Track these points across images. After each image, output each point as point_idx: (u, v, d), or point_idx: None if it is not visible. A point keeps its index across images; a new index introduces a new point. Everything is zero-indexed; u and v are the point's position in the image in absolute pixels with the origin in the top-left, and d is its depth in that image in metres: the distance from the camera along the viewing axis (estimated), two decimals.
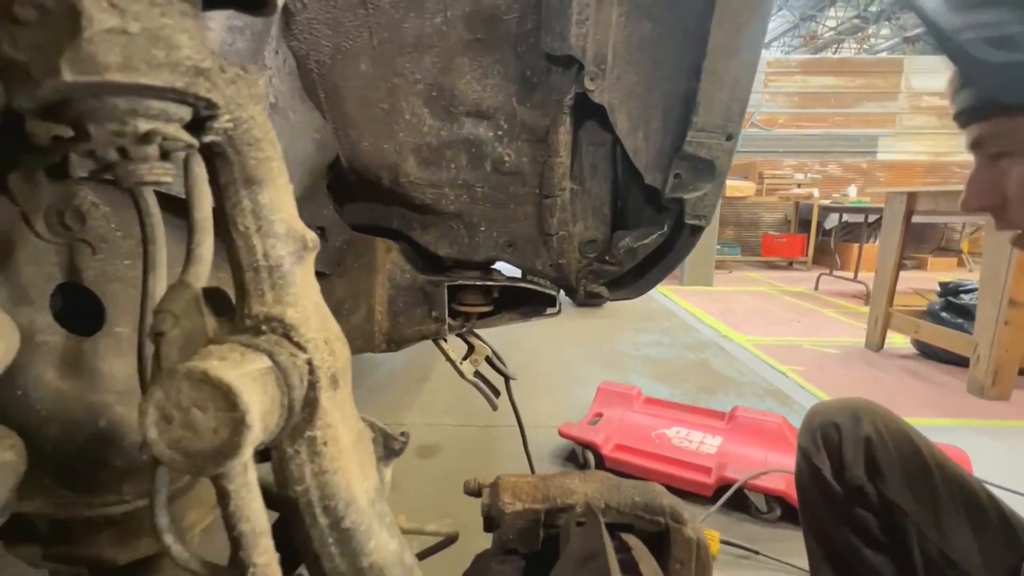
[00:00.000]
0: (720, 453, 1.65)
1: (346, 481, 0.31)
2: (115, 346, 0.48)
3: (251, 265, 0.29)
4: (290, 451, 0.30)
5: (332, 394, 0.31)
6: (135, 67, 0.21)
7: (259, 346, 0.27)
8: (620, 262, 0.91)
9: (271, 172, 0.29)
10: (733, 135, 0.82)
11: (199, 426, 0.23)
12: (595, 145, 0.89)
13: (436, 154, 0.86)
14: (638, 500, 0.43)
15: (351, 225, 0.91)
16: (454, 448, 1.88)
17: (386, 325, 0.96)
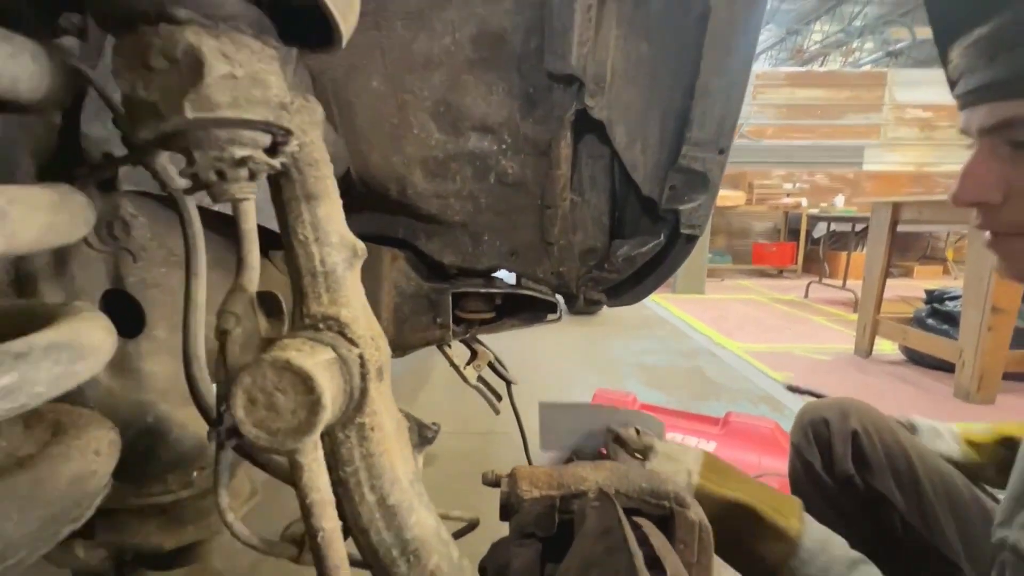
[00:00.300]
0: None
1: (391, 463, 0.35)
2: (155, 348, 0.52)
3: (310, 270, 0.34)
4: (341, 436, 0.34)
5: (378, 385, 0.35)
6: (240, 105, 0.25)
7: (324, 340, 0.31)
8: (618, 270, 0.95)
9: (327, 188, 0.34)
10: (725, 149, 0.88)
11: (281, 407, 0.27)
12: (594, 158, 0.93)
13: (442, 167, 0.90)
14: (645, 486, 0.47)
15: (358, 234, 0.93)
16: (452, 455, 1.90)
17: (392, 331, 0.99)
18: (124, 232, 0.50)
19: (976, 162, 0.55)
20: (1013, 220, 0.54)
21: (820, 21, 11.17)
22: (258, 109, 0.26)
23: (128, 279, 0.51)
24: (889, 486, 0.77)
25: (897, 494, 0.76)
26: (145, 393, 0.49)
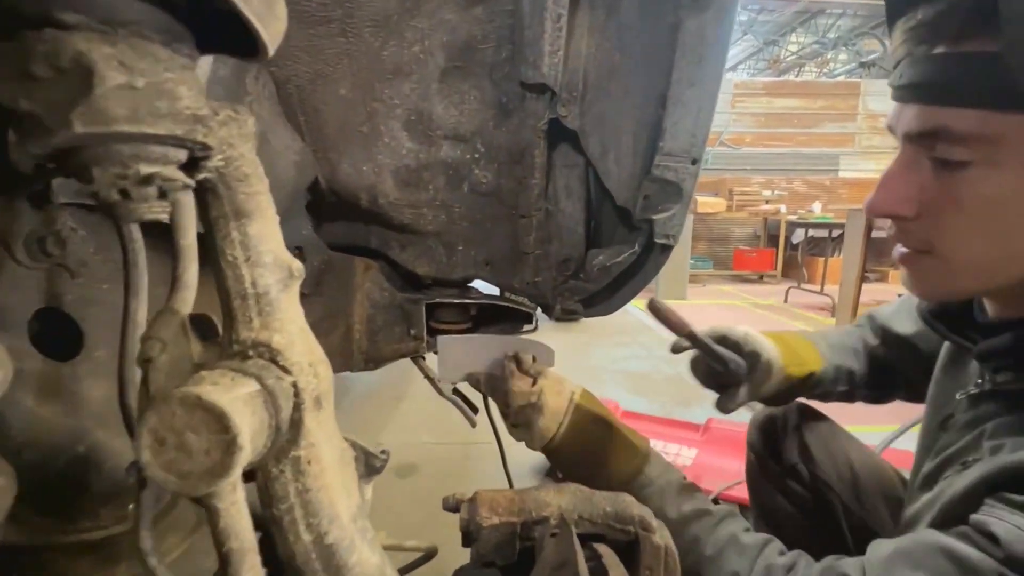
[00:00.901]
0: (696, 465, 1.68)
1: (329, 499, 0.32)
2: (94, 370, 0.48)
3: (239, 293, 0.31)
4: (275, 471, 0.32)
5: (316, 415, 0.33)
6: (141, 118, 0.23)
7: (248, 370, 0.29)
8: (594, 279, 0.94)
9: (260, 205, 0.31)
10: (697, 159, 0.87)
11: (192, 448, 0.24)
12: (568, 167, 0.92)
13: (415, 176, 0.88)
14: (609, 510, 0.45)
15: (330, 245, 0.92)
16: (432, 466, 1.87)
17: (365, 343, 0.97)
18: (58, 247, 0.46)
19: (894, 171, 0.53)
20: (922, 237, 0.53)
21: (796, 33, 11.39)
22: (164, 123, 0.24)
23: (65, 297, 0.47)
24: (829, 474, 0.83)
25: (837, 481, 0.82)
26: (79, 419, 0.46)
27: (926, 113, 0.49)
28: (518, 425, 0.72)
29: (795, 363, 0.79)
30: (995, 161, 0.47)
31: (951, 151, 0.48)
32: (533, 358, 0.79)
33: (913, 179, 0.51)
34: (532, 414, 0.70)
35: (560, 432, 0.70)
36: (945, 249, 0.52)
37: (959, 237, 0.51)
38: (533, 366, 0.77)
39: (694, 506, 0.62)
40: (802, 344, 0.84)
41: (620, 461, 0.67)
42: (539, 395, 0.70)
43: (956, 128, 0.47)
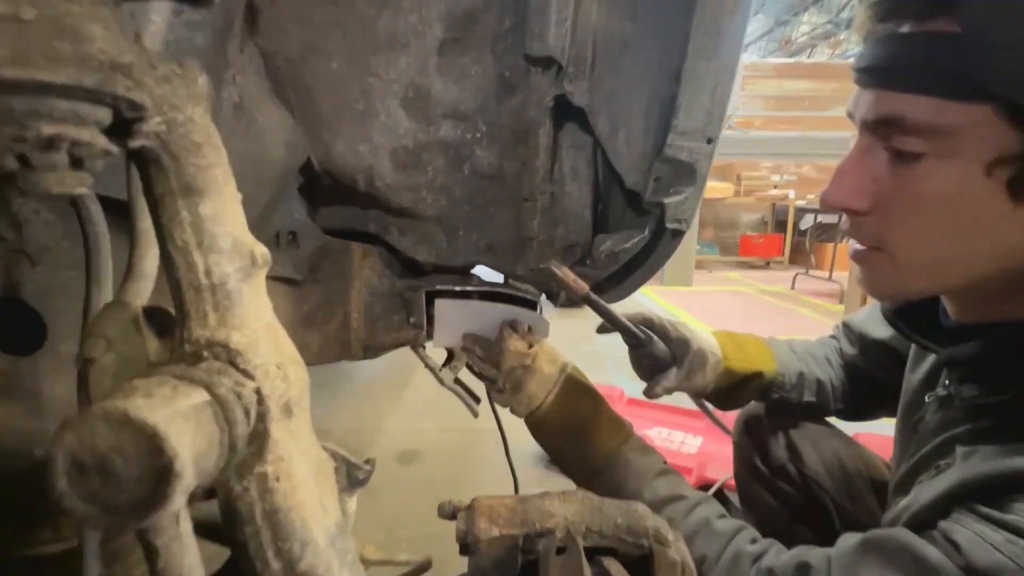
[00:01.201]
0: (701, 453, 1.65)
1: (302, 520, 0.28)
2: (57, 366, 0.44)
3: (191, 284, 0.26)
4: (238, 489, 0.27)
5: (285, 424, 0.28)
6: (30, 61, 0.17)
7: (195, 377, 0.24)
8: (601, 266, 0.89)
9: (214, 180, 0.26)
10: (713, 138, 0.81)
11: (120, 475, 0.20)
12: (575, 148, 0.87)
13: (413, 157, 0.83)
14: (620, 522, 0.41)
15: (325, 230, 0.88)
16: (436, 454, 1.85)
17: (363, 332, 0.93)
18: (13, 231, 0.42)
19: (849, 162, 0.51)
20: (874, 233, 0.51)
21: (808, 12, 11.08)
22: (66, 69, 0.18)
23: (26, 285, 0.43)
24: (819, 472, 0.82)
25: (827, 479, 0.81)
26: (39, 420, 0.41)
27: (883, 99, 0.47)
28: (504, 390, 0.73)
29: (739, 359, 0.78)
30: (949, 155, 0.45)
31: (906, 141, 0.46)
32: (528, 327, 0.81)
33: (868, 171, 0.50)
34: (524, 376, 0.71)
35: (548, 400, 0.70)
36: (895, 246, 0.50)
37: (909, 234, 0.49)
38: (528, 335, 0.78)
39: (670, 490, 0.62)
40: (754, 343, 0.82)
41: (603, 437, 0.67)
42: (534, 358, 0.71)
43: (912, 117, 0.45)
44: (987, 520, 0.43)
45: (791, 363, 0.83)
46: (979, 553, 0.41)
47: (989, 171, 0.43)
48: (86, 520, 0.20)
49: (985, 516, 0.43)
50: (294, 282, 0.86)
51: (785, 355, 0.84)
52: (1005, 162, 0.43)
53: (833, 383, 0.85)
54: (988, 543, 0.41)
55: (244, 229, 0.28)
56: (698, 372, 0.74)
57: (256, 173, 0.66)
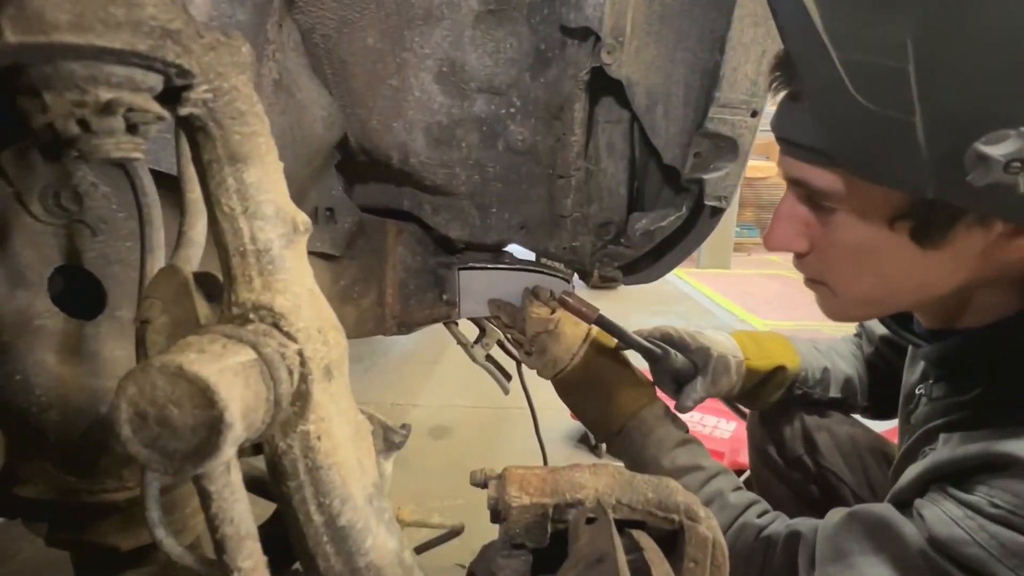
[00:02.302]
0: (734, 438, 1.63)
1: (342, 477, 0.29)
2: (117, 330, 0.47)
3: (237, 249, 0.27)
4: (282, 446, 0.29)
5: (326, 386, 0.29)
6: (89, 27, 0.18)
7: (243, 337, 0.25)
8: (636, 245, 0.88)
9: (258, 148, 0.27)
10: (758, 111, 0.78)
11: (176, 424, 0.21)
12: (612, 123, 0.85)
13: (447, 133, 0.83)
14: (651, 496, 0.41)
15: (361, 207, 0.89)
16: (466, 429, 1.89)
17: (397, 308, 0.95)
18: (75, 202, 0.44)
19: (783, 210, 0.55)
20: (815, 270, 0.56)
21: None
22: (120, 34, 0.19)
23: (86, 254, 0.46)
24: (838, 463, 0.81)
25: (845, 471, 0.80)
26: (102, 379, 0.45)
27: (787, 164, 0.52)
28: (531, 353, 0.75)
29: (760, 356, 0.78)
30: (857, 211, 0.48)
31: (817, 198, 0.51)
32: (551, 292, 0.82)
33: (799, 217, 0.54)
34: (548, 341, 0.73)
35: (573, 362, 0.72)
36: (833, 284, 0.55)
37: (839, 276, 0.54)
38: (551, 300, 0.79)
39: (689, 460, 0.63)
40: (774, 340, 0.82)
41: (625, 399, 0.69)
42: (556, 323, 0.73)
43: (811, 182, 0.49)
44: (952, 499, 0.47)
45: (815, 358, 0.82)
46: (940, 527, 0.45)
47: (891, 224, 0.47)
48: (147, 466, 0.22)
49: (951, 495, 0.47)
50: (331, 257, 0.88)
51: (808, 351, 0.83)
52: (903, 216, 0.46)
53: (860, 380, 0.84)
54: (949, 518, 0.45)
55: (286, 197, 0.29)
56: (723, 377, 0.74)
57: (295, 148, 0.68)
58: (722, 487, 0.60)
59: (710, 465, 0.63)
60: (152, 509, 0.29)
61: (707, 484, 0.61)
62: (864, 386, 0.84)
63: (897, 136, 0.39)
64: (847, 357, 0.86)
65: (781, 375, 0.79)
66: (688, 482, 0.61)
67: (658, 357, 0.72)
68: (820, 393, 0.82)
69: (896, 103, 0.38)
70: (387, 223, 0.90)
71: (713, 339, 0.77)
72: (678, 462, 0.63)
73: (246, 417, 0.23)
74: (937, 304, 0.53)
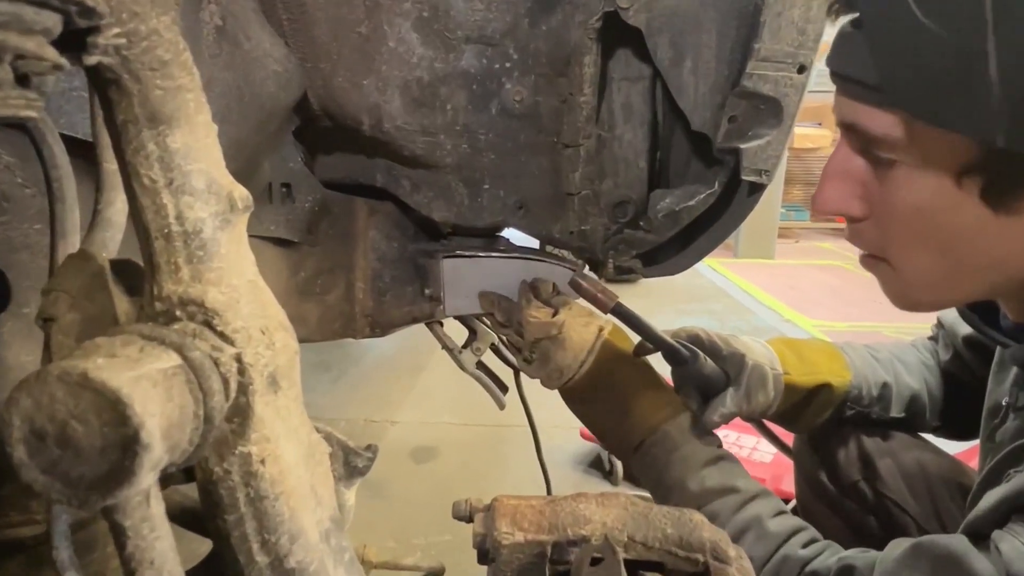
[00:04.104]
0: (777, 462, 1.63)
1: (291, 509, 0.29)
2: (24, 330, 0.47)
3: (161, 231, 0.27)
4: (217, 471, 0.28)
5: (271, 398, 0.29)
6: None
7: (166, 338, 0.25)
8: (658, 229, 0.88)
9: (184, 107, 0.27)
10: (806, 66, 0.77)
11: (81, 445, 0.21)
12: (629, 80, 0.85)
13: (428, 92, 0.83)
14: (671, 532, 0.41)
15: (325, 182, 0.89)
16: (455, 451, 1.89)
17: (369, 305, 0.95)
18: None
19: (835, 164, 0.55)
20: (873, 241, 0.55)
21: None
22: None
23: None
24: (901, 492, 0.80)
25: (910, 499, 0.80)
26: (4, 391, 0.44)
27: (842, 105, 0.52)
28: (532, 361, 0.76)
29: (801, 371, 0.77)
30: (919, 164, 0.48)
31: (873, 148, 0.50)
32: (554, 286, 0.81)
33: (854, 174, 0.53)
34: (551, 347, 0.73)
35: (583, 371, 0.71)
36: (894, 259, 0.54)
37: (903, 247, 0.53)
38: (554, 297, 0.78)
39: (721, 480, 0.62)
40: (819, 350, 0.81)
41: (644, 411, 0.69)
42: (560, 328, 0.72)
43: (866, 127, 0.49)
44: None
45: (872, 372, 0.82)
46: (1021, 564, 0.45)
47: (959, 181, 0.46)
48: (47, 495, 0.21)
49: None
50: (288, 243, 0.88)
51: (863, 363, 0.82)
52: (972, 171, 0.45)
53: (931, 394, 0.83)
54: None
55: (221, 167, 0.28)
56: (758, 391, 0.74)
57: (242, 111, 0.67)
58: (760, 512, 0.60)
59: (747, 486, 0.63)
60: (61, 548, 0.29)
61: (742, 509, 0.60)
62: (936, 402, 0.84)
63: (965, 68, 0.38)
64: (914, 368, 0.85)
65: (827, 394, 0.79)
66: (720, 507, 0.60)
67: (685, 359, 0.72)
68: (879, 413, 0.82)
69: (966, 25, 0.37)
70: (357, 202, 0.91)
71: (749, 345, 0.77)
72: (708, 483, 0.62)
73: (168, 436, 0.23)
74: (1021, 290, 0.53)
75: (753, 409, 0.75)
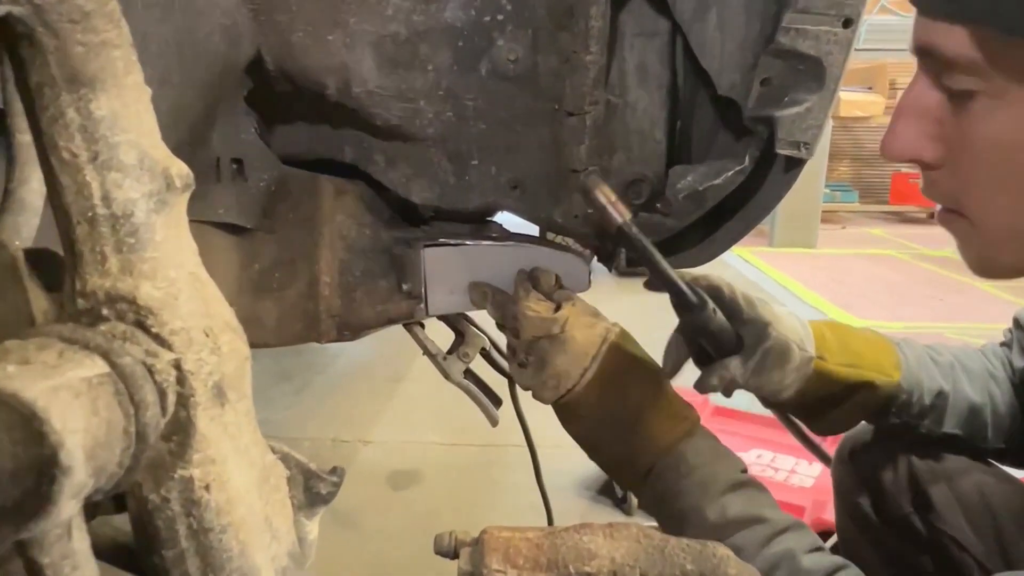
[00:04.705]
0: (819, 487, 1.65)
1: (241, 544, 0.29)
2: None
3: (84, 214, 0.27)
4: (154, 499, 0.28)
5: (217, 413, 0.29)
6: None
7: (90, 341, 0.25)
8: (679, 212, 0.89)
9: (111, 66, 0.27)
10: (852, 19, 0.78)
11: None
12: (644, 36, 0.86)
13: (406, 50, 0.83)
14: (691, 569, 0.41)
15: (283, 157, 0.89)
16: (439, 475, 1.90)
17: (336, 303, 0.96)
18: None
19: (908, 99, 0.56)
20: (949, 191, 0.56)
21: None
22: None
23: None
24: (960, 526, 0.81)
25: (971, 535, 0.80)
26: None
27: (920, 26, 0.52)
28: (526, 365, 0.76)
29: (841, 359, 0.78)
30: (1002, 93, 0.49)
31: (952, 78, 0.51)
32: (556, 278, 0.81)
33: (929, 112, 0.54)
34: (550, 348, 0.73)
35: (585, 380, 0.71)
36: (971, 210, 0.55)
37: (981, 194, 0.54)
38: (557, 291, 0.79)
39: (744, 509, 0.63)
40: (869, 341, 0.82)
41: (656, 430, 0.69)
42: (562, 325, 0.72)
43: (943, 48, 0.50)
44: None
45: (927, 376, 0.82)
46: None
47: None
48: None
49: None
50: (240, 230, 0.88)
51: (919, 364, 0.83)
52: None
53: (995, 411, 0.84)
54: None
55: (155, 138, 0.29)
56: (774, 369, 0.75)
57: (183, 72, 0.67)
58: (793, 547, 0.61)
59: (776, 517, 0.64)
60: None
61: (771, 543, 0.61)
62: (1001, 420, 0.84)
63: None
64: (977, 377, 0.85)
65: (866, 394, 0.79)
66: (744, 540, 0.61)
67: (693, 306, 0.73)
68: (930, 426, 0.83)
69: None
70: (321, 181, 0.91)
71: (780, 316, 0.78)
72: (729, 513, 0.63)
73: (93, 457, 0.23)
74: None
75: (762, 386, 0.77)
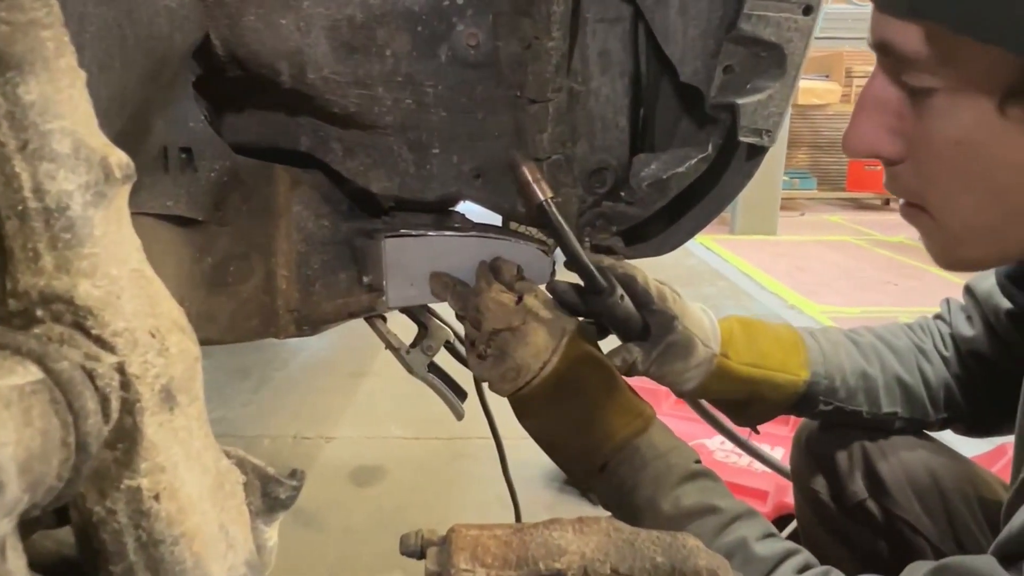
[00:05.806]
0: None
1: (195, 555, 0.28)
2: None
3: (13, 208, 0.25)
4: (99, 511, 0.27)
5: (166, 418, 0.28)
6: None
7: (22, 346, 0.24)
8: (643, 201, 0.90)
9: (40, 48, 0.25)
10: (813, 7, 0.79)
11: None
12: (606, 22, 0.86)
13: (362, 34, 0.82)
14: (661, 561, 0.42)
15: (235, 146, 0.87)
16: (404, 471, 1.90)
17: (294, 297, 0.95)
18: None
19: (869, 94, 0.57)
20: (911, 187, 0.58)
21: None
22: None
23: None
24: (913, 510, 0.83)
25: (924, 519, 0.83)
26: None
27: (878, 22, 0.53)
28: (486, 356, 0.77)
29: (745, 358, 0.80)
30: (958, 90, 0.50)
31: (910, 74, 0.52)
32: (518, 269, 0.83)
33: (889, 106, 0.55)
34: (511, 340, 0.74)
35: (544, 373, 0.72)
36: (933, 206, 0.56)
37: (944, 190, 0.55)
38: (518, 282, 0.80)
39: (699, 500, 0.64)
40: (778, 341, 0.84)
41: (611, 424, 0.70)
42: (524, 317, 0.74)
43: (903, 46, 0.51)
44: None
45: (849, 360, 0.84)
46: None
47: (1002, 108, 0.47)
48: None
49: None
50: (191, 223, 0.85)
51: (835, 351, 0.85)
52: (1017, 95, 0.46)
53: (928, 383, 0.86)
54: None
55: (92, 125, 0.27)
56: (676, 361, 0.78)
57: (125, 56, 0.65)
58: (746, 535, 0.61)
59: (728, 505, 0.65)
60: None
61: (724, 531, 0.62)
62: (936, 393, 0.86)
63: None
64: (905, 353, 0.88)
65: (769, 391, 0.81)
66: (698, 530, 0.61)
67: (601, 290, 0.75)
68: (869, 408, 0.85)
69: None
70: (276, 171, 0.90)
71: (689, 311, 0.80)
72: (683, 503, 0.64)
73: (28, 471, 0.21)
74: None
75: (664, 375, 0.79)
